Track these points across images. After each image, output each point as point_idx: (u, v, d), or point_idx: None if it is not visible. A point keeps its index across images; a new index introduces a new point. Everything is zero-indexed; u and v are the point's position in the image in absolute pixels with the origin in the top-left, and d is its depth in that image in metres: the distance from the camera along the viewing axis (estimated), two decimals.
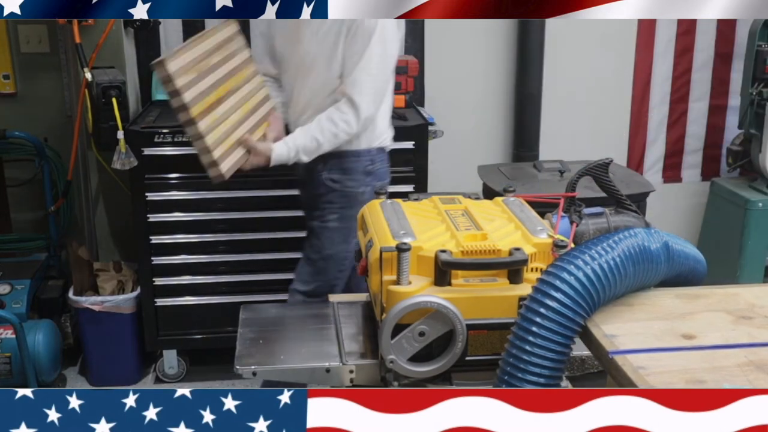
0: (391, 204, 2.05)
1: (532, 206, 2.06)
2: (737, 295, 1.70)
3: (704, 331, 1.53)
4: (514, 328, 1.54)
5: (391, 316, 1.71)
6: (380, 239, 1.83)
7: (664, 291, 1.73)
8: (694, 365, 1.41)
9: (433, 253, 1.75)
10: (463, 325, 1.72)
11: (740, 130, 4.02)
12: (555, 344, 1.50)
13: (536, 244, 1.81)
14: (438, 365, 1.75)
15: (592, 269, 1.54)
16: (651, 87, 4.27)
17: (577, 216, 1.97)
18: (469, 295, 1.75)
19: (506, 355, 1.54)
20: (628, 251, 1.59)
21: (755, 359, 1.41)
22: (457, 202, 2.07)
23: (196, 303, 3.40)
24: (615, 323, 1.56)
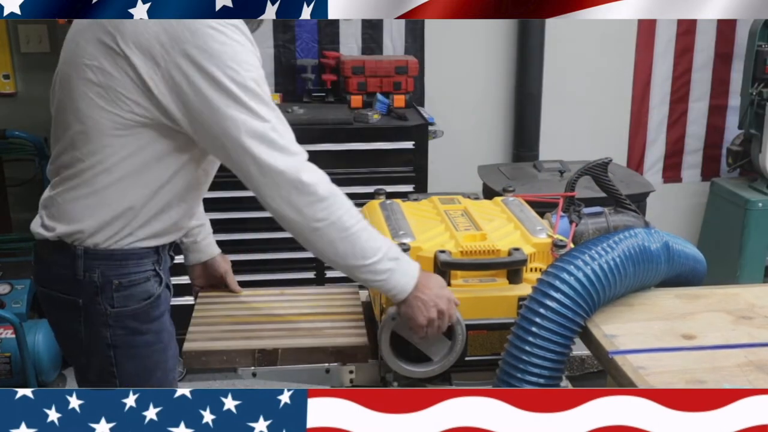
0: (390, 204, 2.05)
1: (531, 206, 2.06)
2: (737, 295, 1.70)
3: (704, 331, 1.53)
4: (514, 328, 1.54)
5: (391, 316, 1.71)
6: None
7: (664, 291, 1.73)
8: (694, 365, 1.41)
9: (433, 254, 1.75)
10: (463, 325, 1.72)
11: (740, 130, 4.02)
12: (555, 344, 1.50)
13: (535, 244, 1.81)
14: (438, 365, 1.75)
15: (592, 269, 1.54)
16: (651, 87, 4.27)
17: (576, 216, 1.97)
18: (468, 296, 1.75)
19: (506, 355, 1.54)
20: (628, 251, 1.59)
21: (755, 359, 1.42)
22: (457, 202, 2.07)
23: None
24: (615, 323, 1.56)
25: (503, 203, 2.08)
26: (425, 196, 2.14)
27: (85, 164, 1.66)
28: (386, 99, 3.58)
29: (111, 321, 1.73)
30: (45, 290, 1.78)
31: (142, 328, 1.77)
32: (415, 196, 2.14)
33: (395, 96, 3.61)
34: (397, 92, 3.63)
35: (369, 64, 3.62)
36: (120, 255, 1.71)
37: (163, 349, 1.84)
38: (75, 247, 1.70)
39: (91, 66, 1.63)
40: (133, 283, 1.74)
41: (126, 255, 1.72)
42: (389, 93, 3.62)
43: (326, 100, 3.75)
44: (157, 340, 1.82)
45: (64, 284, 1.73)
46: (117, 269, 1.71)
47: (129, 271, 1.73)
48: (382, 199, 2.10)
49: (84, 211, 1.68)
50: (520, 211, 2.01)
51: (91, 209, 1.68)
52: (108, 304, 1.72)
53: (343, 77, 3.68)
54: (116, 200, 1.67)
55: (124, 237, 1.70)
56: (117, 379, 1.78)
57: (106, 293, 1.71)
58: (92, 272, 1.70)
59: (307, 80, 3.76)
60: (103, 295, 1.71)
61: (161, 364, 1.84)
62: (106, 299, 1.72)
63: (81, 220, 1.69)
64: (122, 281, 1.72)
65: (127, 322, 1.74)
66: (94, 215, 1.68)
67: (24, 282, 3.45)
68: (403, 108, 3.59)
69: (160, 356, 1.84)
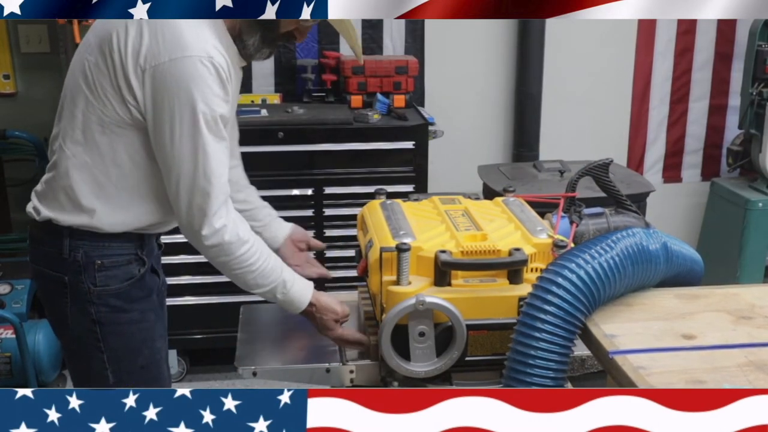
0: (390, 204, 2.05)
1: (532, 206, 2.06)
2: (737, 295, 1.70)
3: (704, 331, 1.53)
4: (518, 327, 1.54)
5: (391, 316, 1.71)
6: (380, 239, 1.83)
7: (664, 291, 1.73)
8: (694, 365, 1.41)
9: (433, 254, 1.75)
10: (463, 325, 1.72)
11: (740, 130, 4.02)
12: (560, 339, 1.51)
13: (536, 245, 1.81)
14: (438, 365, 1.75)
15: (593, 267, 1.54)
16: (651, 87, 4.27)
17: (577, 216, 1.97)
18: (469, 296, 1.75)
19: (512, 354, 1.54)
20: (627, 251, 1.60)
21: (755, 359, 1.41)
22: (457, 202, 2.07)
23: (196, 303, 3.40)
24: (615, 323, 1.56)
25: (504, 203, 2.08)
26: (426, 196, 2.14)
27: (58, 156, 1.82)
28: (386, 99, 3.58)
29: (94, 299, 1.84)
30: (36, 267, 1.90)
31: (126, 306, 1.87)
32: (415, 196, 2.14)
33: (395, 96, 3.61)
34: (397, 92, 3.63)
35: (369, 64, 3.62)
36: (102, 237, 1.83)
37: (148, 328, 1.93)
38: (61, 228, 1.82)
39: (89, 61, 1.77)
40: (115, 264, 1.85)
41: (108, 238, 1.83)
42: (389, 93, 3.62)
43: (326, 100, 3.76)
44: (142, 319, 1.91)
45: (52, 262, 1.85)
46: (100, 250, 1.83)
47: (111, 252, 1.84)
48: (383, 199, 2.10)
49: (54, 199, 1.83)
50: (520, 211, 2.01)
51: (60, 198, 1.82)
52: (91, 283, 1.83)
53: (343, 77, 3.68)
54: (90, 189, 1.80)
55: (102, 224, 1.81)
56: (104, 353, 1.88)
57: (89, 272, 1.83)
58: (76, 252, 1.83)
59: (307, 80, 3.76)
60: (86, 274, 1.83)
61: (148, 342, 1.93)
62: (89, 278, 1.83)
63: (55, 208, 1.83)
64: (104, 261, 1.84)
65: (110, 300, 1.85)
66: (61, 203, 1.82)
67: (24, 282, 3.45)
68: (403, 108, 3.59)
69: (147, 334, 1.93)
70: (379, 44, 3.93)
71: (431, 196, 2.13)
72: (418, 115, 3.52)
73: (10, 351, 3.19)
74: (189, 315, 3.42)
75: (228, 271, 1.85)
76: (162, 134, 1.71)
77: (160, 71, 1.67)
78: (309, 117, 3.46)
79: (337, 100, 3.75)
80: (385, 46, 3.95)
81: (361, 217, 2.09)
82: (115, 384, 1.87)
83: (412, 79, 3.67)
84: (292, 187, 3.17)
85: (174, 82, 1.67)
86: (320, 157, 3.41)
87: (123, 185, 1.81)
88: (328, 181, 3.41)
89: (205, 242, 1.78)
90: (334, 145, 3.39)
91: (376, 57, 3.79)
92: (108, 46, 1.72)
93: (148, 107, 1.71)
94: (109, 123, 1.76)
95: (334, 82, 3.74)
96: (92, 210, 1.80)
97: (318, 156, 3.40)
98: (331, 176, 3.42)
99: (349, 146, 3.40)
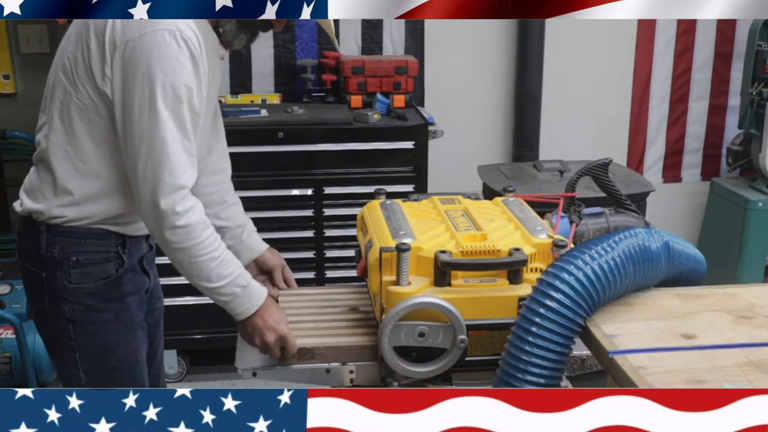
0: (390, 204, 2.05)
1: (531, 206, 2.06)
2: (737, 295, 1.70)
3: (704, 331, 1.53)
4: (514, 328, 1.54)
5: (391, 316, 1.71)
6: (380, 240, 1.83)
7: (664, 291, 1.73)
8: (694, 365, 1.40)
9: (433, 254, 1.75)
10: (463, 325, 1.72)
11: (740, 129, 4.02)
12: (555, 344, 1.50)
13: (536, 245, 1.81)
14: (438, 365, 1.75)
15: (592, 269, 1.54)
16: (651, 87, 4.27)
17: (576, 216, 1.97)
18: (468, 296, 1.75)
19: (506, 355, 1.54)
20: (628, 251, 1.59)
21: (755, 359, 1.41)
22: (457, 202, 2.07)
23: (196, 303, 3.39)
24: (615, 323, 1.56)
25: (503, 203, 2.08)
26: (426, 196, 2.14)
27: (42, 146, 1.83)
28: (386, 99, 3.58)
29: (69, 296, 1.83)
30: (20, 262, 1.91)
31: (100, 305, 1.85)
32: (415, 196, 2.14)
33: (395, 96, 3.62)
34: (397, 92, 3.63)
35: (369, 64, 3.63)
36: (78, 233, 1.82)
37: (123, 329, 1.89)
38: (39, 223, 1.82)
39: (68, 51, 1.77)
40: (91, 261, 1.83)
41: (84, 234, 1.82)
42: (389, 93, 3.62)
43: (326, 100, 3.76)
44: (116, 320, 1.88)
45: (31, 257, 1.85)
46: (75, 246, 1.82)
47: (87, 249, 1.83)
48: (383, 199, 2.10)
49: (38, 190, 1.83)
50: (520, 211, 2.01)
51: (43, 189, 1.82)
52: (66, 280, 1.82)
53: (343, 77, 3.68)
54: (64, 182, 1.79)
55: (77, 218, 1.80)
56: (76, 353, 1.86)
57: (65, 269, 1.82)
58: (53, 248, 1.82)
59: (307, 80, 3.77)
60: (61, 270, 1.82)
61: (122, 343, 1.90)
62: (64, 275, 1.82)
63: (38, 199, 1.83)
64: (80, 258, 1.82)
65: (85, 298, 1.83)
66: (44, 194, 1.82)
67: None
68: (403, 108, 3.59)
69: (121, 336, 1.90)
70: (379, 44, 3.94)
71: (431, 196, 2.13)
72: (417, 115, 3.52)
73: (10, 351, 3.19)
74: (189, 315, 3.42)
75: (189, 260, 1.75)
76: (128, 107, 1.68)
77: (130, 47, 1.66)
78: (309, 117, 3.46)
79: (337, 100, 3.75)
80: (385, 46, 3.95)
81: (360, 217, 2.09)
82: (87, 384, 1.85)
83: (412, 79, 3.67)
84: (292, 187, 3.17)
85: (142, 55, 1.65)
86: (320, 157, 3.41)
87: (102, 172, 1.80)
88: (328, 181, 3.41)
89: (177, 222, 1.70)
90: (333, 145, 3.39)
91: (376, 57, 3.79)
92: (85, 33, 1.72)
93: (116, 85, 1.69)
94: (85, 109, 1.75)
95: (334, 82, 3.74)
96: (71, 196, 1.80)
97: (318, 156, 3.40)
98: (331, 176, 3.42)
99: (348, 146, 3.40)
